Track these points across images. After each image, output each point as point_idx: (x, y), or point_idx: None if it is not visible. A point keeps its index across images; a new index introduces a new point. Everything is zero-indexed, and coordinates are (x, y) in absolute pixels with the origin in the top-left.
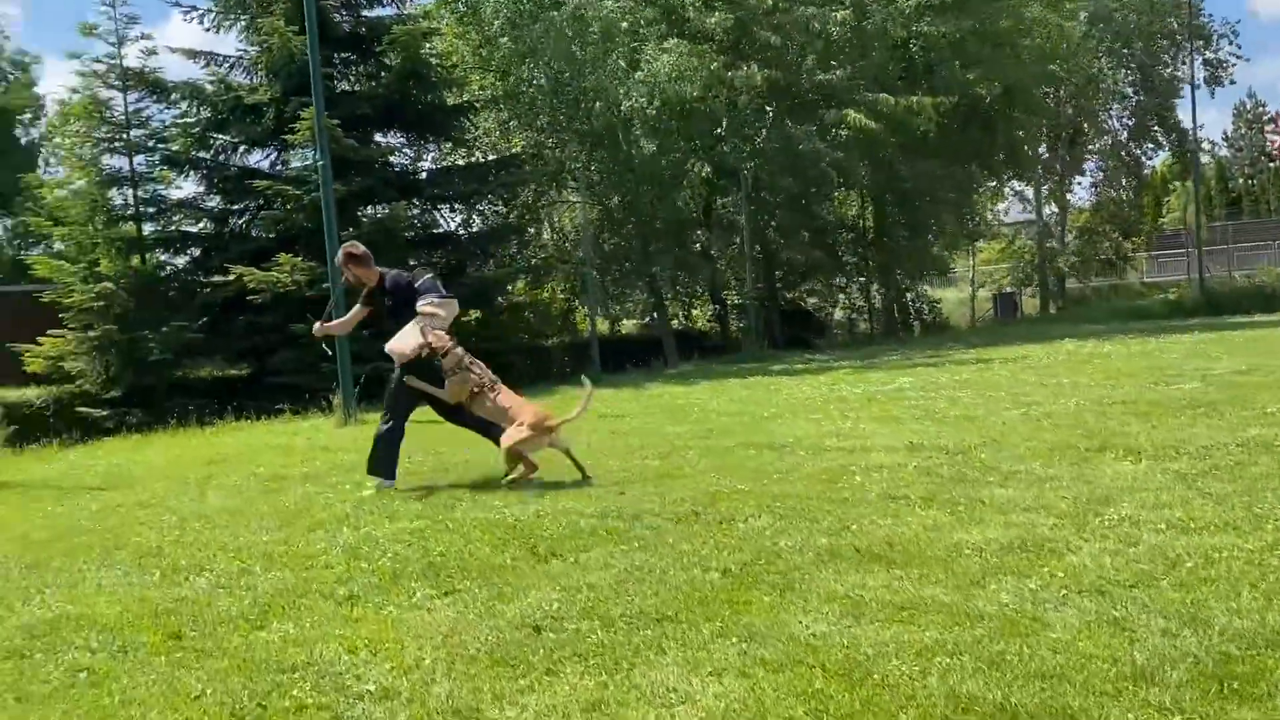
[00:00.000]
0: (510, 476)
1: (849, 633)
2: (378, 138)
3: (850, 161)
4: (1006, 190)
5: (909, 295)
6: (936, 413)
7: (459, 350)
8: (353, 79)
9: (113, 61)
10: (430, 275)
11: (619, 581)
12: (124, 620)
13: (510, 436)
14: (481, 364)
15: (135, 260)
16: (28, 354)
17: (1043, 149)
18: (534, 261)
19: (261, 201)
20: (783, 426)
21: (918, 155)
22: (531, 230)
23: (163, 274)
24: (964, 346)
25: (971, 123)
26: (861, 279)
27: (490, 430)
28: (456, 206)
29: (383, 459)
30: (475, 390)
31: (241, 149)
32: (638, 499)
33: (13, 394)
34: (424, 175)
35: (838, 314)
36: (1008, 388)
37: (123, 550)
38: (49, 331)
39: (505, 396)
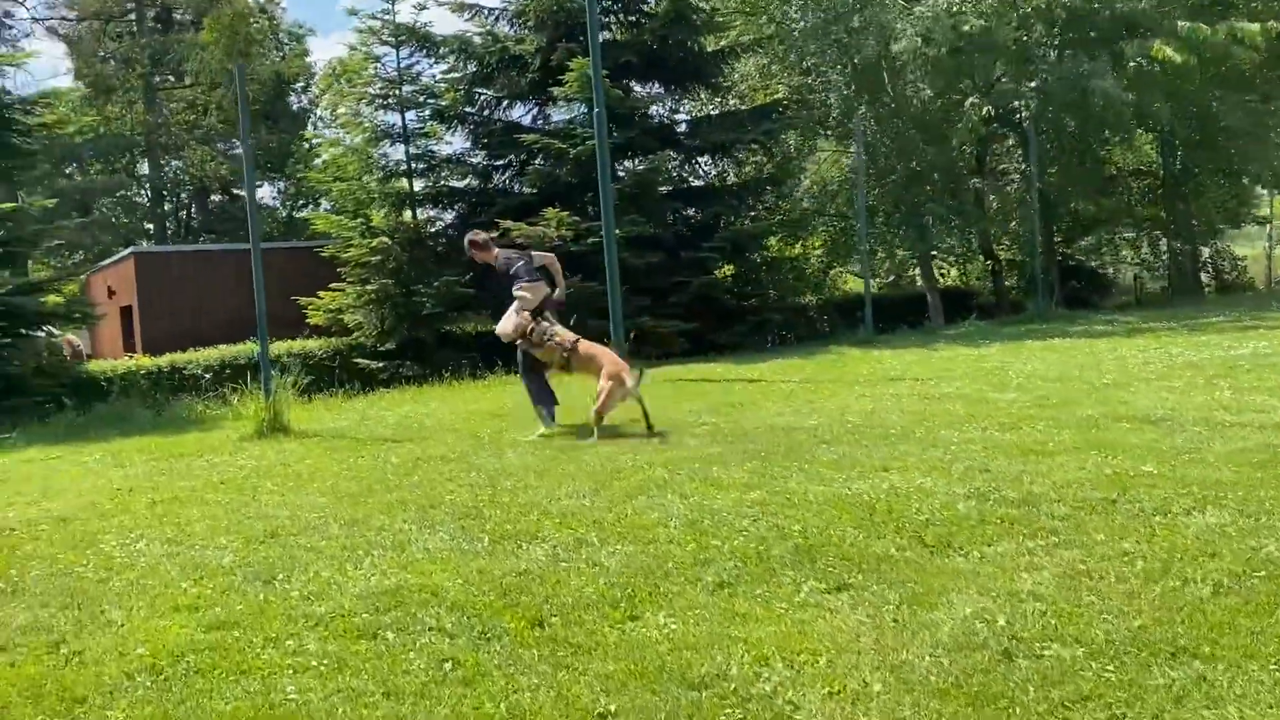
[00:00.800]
0: (592, 440)
1: None
2: (636, 87)
3: (1148, 99)
4: None
5: (1206, 250)
6: None
7: (543, 325)
8: (614, 27)
9: (386, 18)
10: (523, 261)
11: (1064, 589)
12: (469, 595)
13: (598, 398)
14: (562, 329)
15: (406, 215)
16: (311, 307)
17: None
18: (792, 215)
19: (525, 156)
20: (1137, 396)
21: (1227, 91)
22: (791, 182)
23: (432, 229)
24: None
25: None
26: (1155, 232)
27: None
28: (715, 157)
29: (537, 406)
30: (566, 354)
31: (504, 103)
32: (1014, 479)
33: (296, 345)
34: (682, 125)
35: (1123, 271)
36: None
37: (438, 509)
38: (330, 285)
39: (586, 347)
